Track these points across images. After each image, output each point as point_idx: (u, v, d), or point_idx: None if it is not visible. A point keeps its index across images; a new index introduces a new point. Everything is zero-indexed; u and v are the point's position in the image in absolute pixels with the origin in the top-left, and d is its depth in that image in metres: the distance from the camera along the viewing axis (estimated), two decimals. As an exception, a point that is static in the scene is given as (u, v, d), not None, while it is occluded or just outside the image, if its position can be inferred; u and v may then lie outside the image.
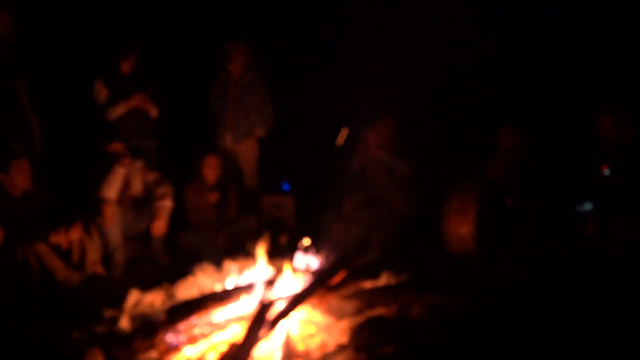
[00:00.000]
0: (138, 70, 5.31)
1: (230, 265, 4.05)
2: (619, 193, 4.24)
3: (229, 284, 3.71)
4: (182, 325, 3.17)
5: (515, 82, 5.77)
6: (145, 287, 3.88)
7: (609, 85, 5.34)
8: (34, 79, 4.75)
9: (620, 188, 4.25)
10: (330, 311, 3.45)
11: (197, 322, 3.23)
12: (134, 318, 3.45)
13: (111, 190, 4.72)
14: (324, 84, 6.18)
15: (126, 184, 4.86)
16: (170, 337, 3.09)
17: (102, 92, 5.23)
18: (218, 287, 3.75)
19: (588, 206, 4.46)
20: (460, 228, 4.48)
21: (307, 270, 3.78)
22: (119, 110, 5.23)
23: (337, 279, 3.64)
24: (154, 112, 5.36)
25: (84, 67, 5.46)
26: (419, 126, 5.50)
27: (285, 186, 6.30)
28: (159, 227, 4.83)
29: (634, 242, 4.01)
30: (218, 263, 4.18)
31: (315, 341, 3.16)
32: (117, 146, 4.87)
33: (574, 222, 4.42)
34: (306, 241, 3.82)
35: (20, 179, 4.22)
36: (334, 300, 3.55)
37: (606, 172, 4.39)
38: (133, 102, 5.24)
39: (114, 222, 4.66)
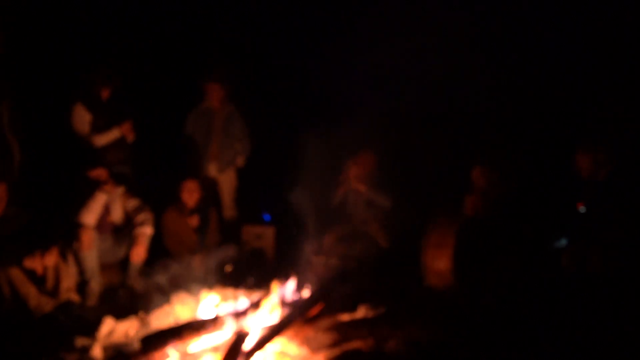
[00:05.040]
0: (115, 95, 5.28)
1: (207, 295, 4.02)
2: (593, 229, 4.32)
3: (206, 314, 3.68)
4: (156, 355, 3.13)
5: (495, 119, 5.90)
6: (120, 315, 3.82)
7: (586, 124, 5.48)
8: (16, 101, 4.70)
9: (595, 224, 4.33)
10: (306, 343, 3.44)
11: (171, 352, 3.20)
12: (107, 347, 3.40)
13: (90, 216, 4.67)
14: (305, 114, 6.26)
15: (106, 210, 4.82)
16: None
17: (85, 117, 5.12)
18: (194, 317, 3.71)
19: (564, 242, 4.54)
20: (438, 262, 4.52)
21: (284, 302, 3.77)
22: (111, 136, 5.18)
23: (314, 311, 3.63)
24: (131, 137, 5.33)
25: (64, 90, 5.41)
26: (399, 160, 5.57)
27: (266, 217, 6.31)
28: (139, 253, 4.77)
29: (609, 274, 4.08)
30: (195, 292, 4.14)
31: (291, 373, 3.14)
32: (100, 172, 4.84)
33: (551, 257, 4.48)
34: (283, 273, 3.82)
35: None
36: (310, 332, 3.54)
37: (581, 209, 4.48)
38: (125, 128, 5.23)
39: (91, 248, 4.60)
